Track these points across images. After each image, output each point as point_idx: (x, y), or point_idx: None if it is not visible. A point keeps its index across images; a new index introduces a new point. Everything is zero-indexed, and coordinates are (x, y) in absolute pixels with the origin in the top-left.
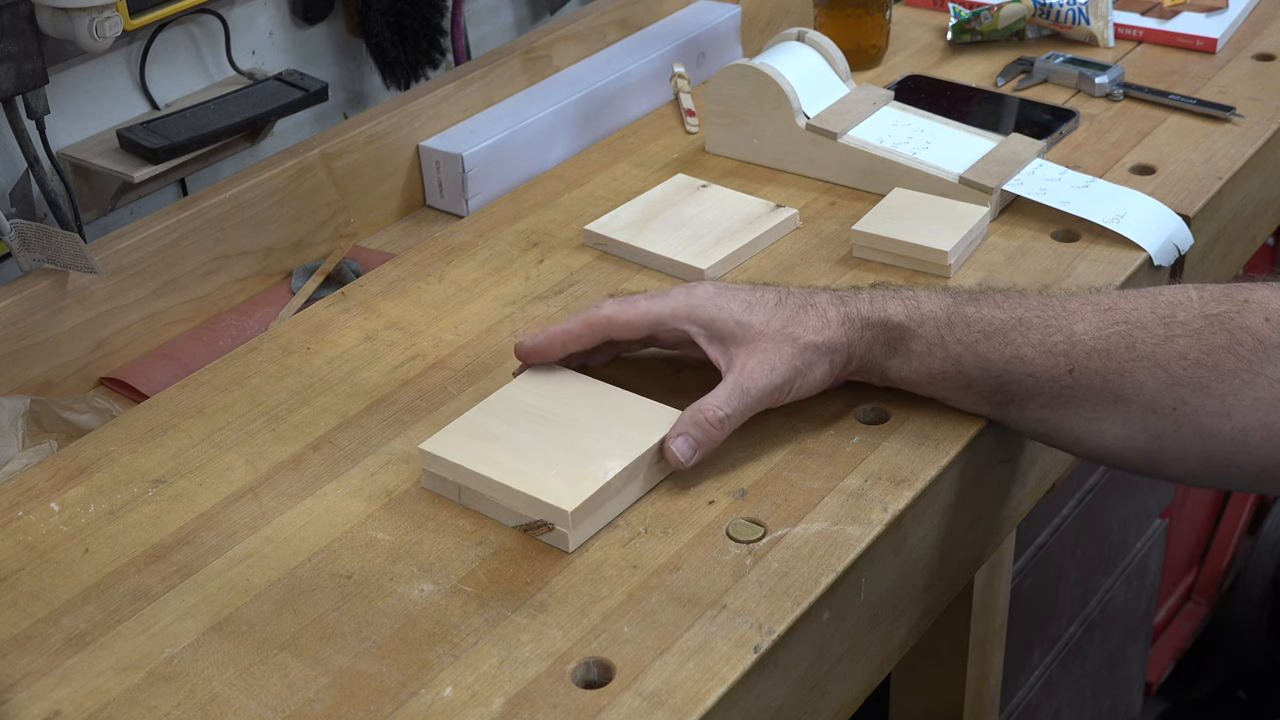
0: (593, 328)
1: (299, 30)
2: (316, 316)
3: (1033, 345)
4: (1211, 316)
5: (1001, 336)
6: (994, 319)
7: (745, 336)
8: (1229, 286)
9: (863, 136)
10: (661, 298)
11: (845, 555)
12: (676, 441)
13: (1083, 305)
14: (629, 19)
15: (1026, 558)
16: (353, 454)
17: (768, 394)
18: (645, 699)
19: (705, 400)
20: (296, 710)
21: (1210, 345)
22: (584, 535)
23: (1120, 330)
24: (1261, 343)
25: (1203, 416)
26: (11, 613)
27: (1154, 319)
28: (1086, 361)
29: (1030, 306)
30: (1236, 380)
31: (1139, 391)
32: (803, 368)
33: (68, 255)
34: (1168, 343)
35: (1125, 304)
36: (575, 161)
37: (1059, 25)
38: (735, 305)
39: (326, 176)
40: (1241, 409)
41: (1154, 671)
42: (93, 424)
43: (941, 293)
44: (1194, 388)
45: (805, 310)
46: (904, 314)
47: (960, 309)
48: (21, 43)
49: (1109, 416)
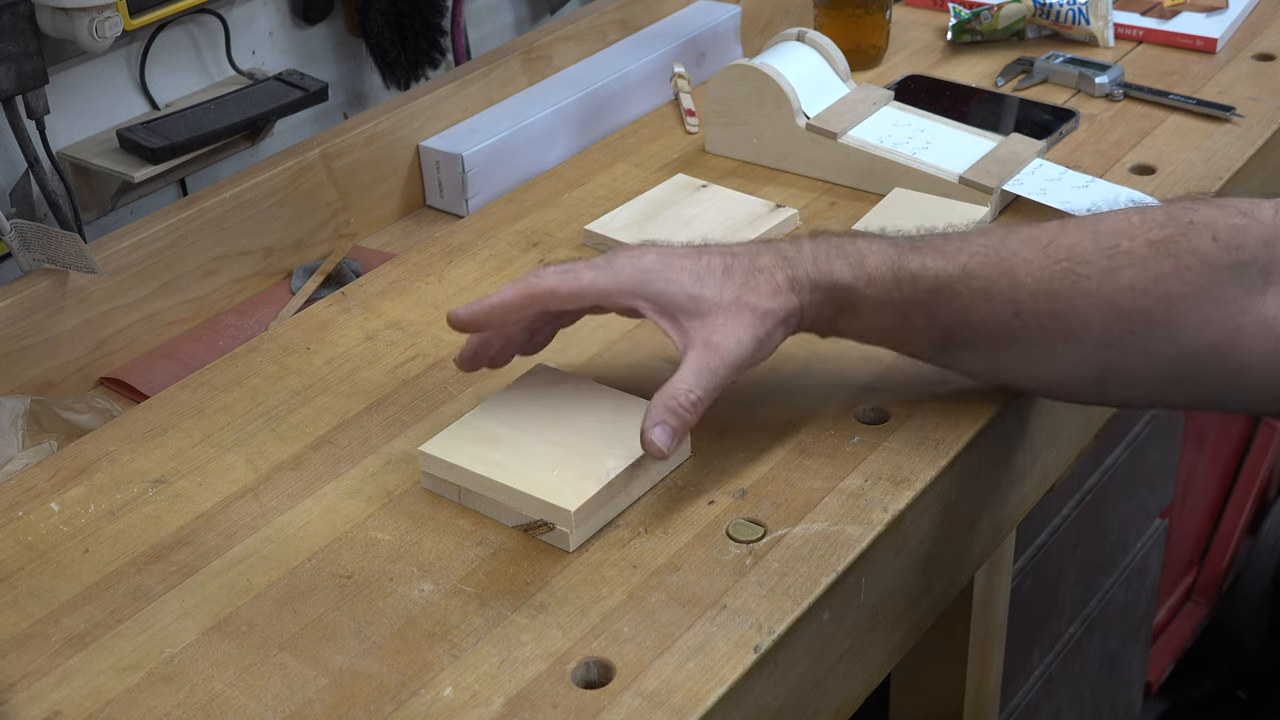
0: (532, 299)
1: (299, 30)
2: (316, 316)
3: (978, 294)
4: (1156, 243)
5: (948, 290)
6: (939, 272)
7: (699, 310)
8: (1172, 208)
9: (863, 136)
10: (606, 268)
11: (845, 555)
12: (654, 432)
13: (1024, 244)
14: (629, 19)
15: (1026, 558)
16: (353, 454)
17: (735, 368)
18: (645, 699)
19: (674, 385)
20: (296, 710)
21: (1157, 273)
22: (585, 535)
23: (1064, 267)
24: (1209, 264)
25: (1151, 342)
26: (11, 613)
27: (1097, 251)
28: (1032, 304)
29: (973, 253)
30: (1184, 304)
31: (1087, 327)
32: (764, 335)
33: (68, 255)
34: (1113, 275)
35: (1066, 239)
36: (575, 161)
37: (1059, 25)
38: (685, 278)
39: (326, 176)
40: (1189, 331)
41: (1154, 671)
42: (93, 424)
43: (884, 243)
44: (1142, 318)
45: (754, 275)
46: (850, 274)
47: (904, 264)
48: (21, 43)
49: (1058, 353)
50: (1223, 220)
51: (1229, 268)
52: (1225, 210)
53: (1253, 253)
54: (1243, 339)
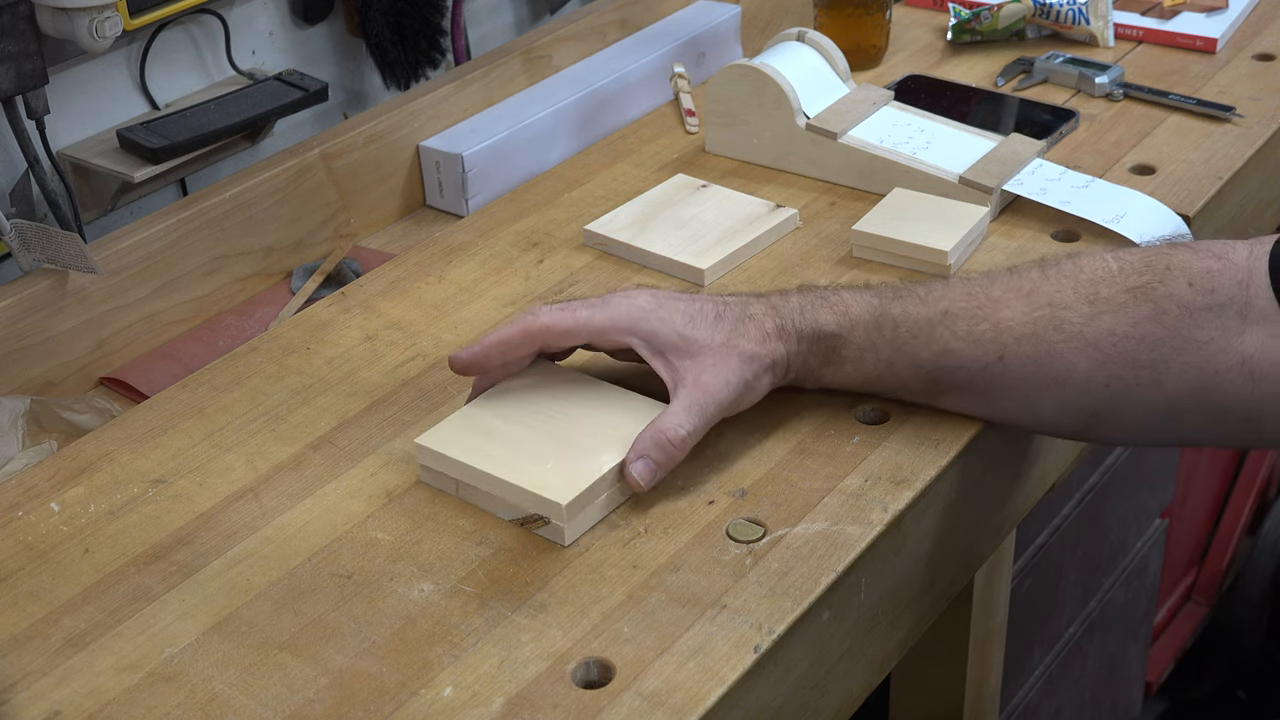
0: (530, 336)
1: (299, 30)
2: (316, 316)
3: (960, 337)
4: (1134, 290)
5: (928, 333)
6: (919, 316)
7: (689, 350)
8: (1149, 254)
9: (863, 136)
10: (600, 307)
11: (845, 555)
12: (637, 465)
13: (1006, 292)
14: (629, 19)
15: (1026, 558)
16: (353, 454)
17: (724, 407)
18: (645, 699)
19: (664, 419)
20: (296, 710)
21: (1136, 318)
22: (580, 528)
23: (1046, 313)
24: (1187, 308)
25: (1135, 388)
26: (11, 613)
27: (1077, 298)
28: (1016, 348)
29: (954, 298)
30: (1165, 348)
31: (1071, 372)
32: (751, 379)
33: (68, 255)
34: (1094, 320)
35: (1048, 286)
36: (575, 161)
37: (1059, 25)
38: (677, 319)
39: (326, 176)
40: (1171, 375)
41: (1154, 671)
42: (93, 424)
43: (868, 293)
44: (1125, 362)
45: (743, 323)
46: (835, 323)
47: (886, 309)
48: (21, 43)
49: (1044, 399)
50: (1197, 264)
51: (1206, 310)
52: (1200, 254)
53: (1229, 294)
54: (1223, 380)
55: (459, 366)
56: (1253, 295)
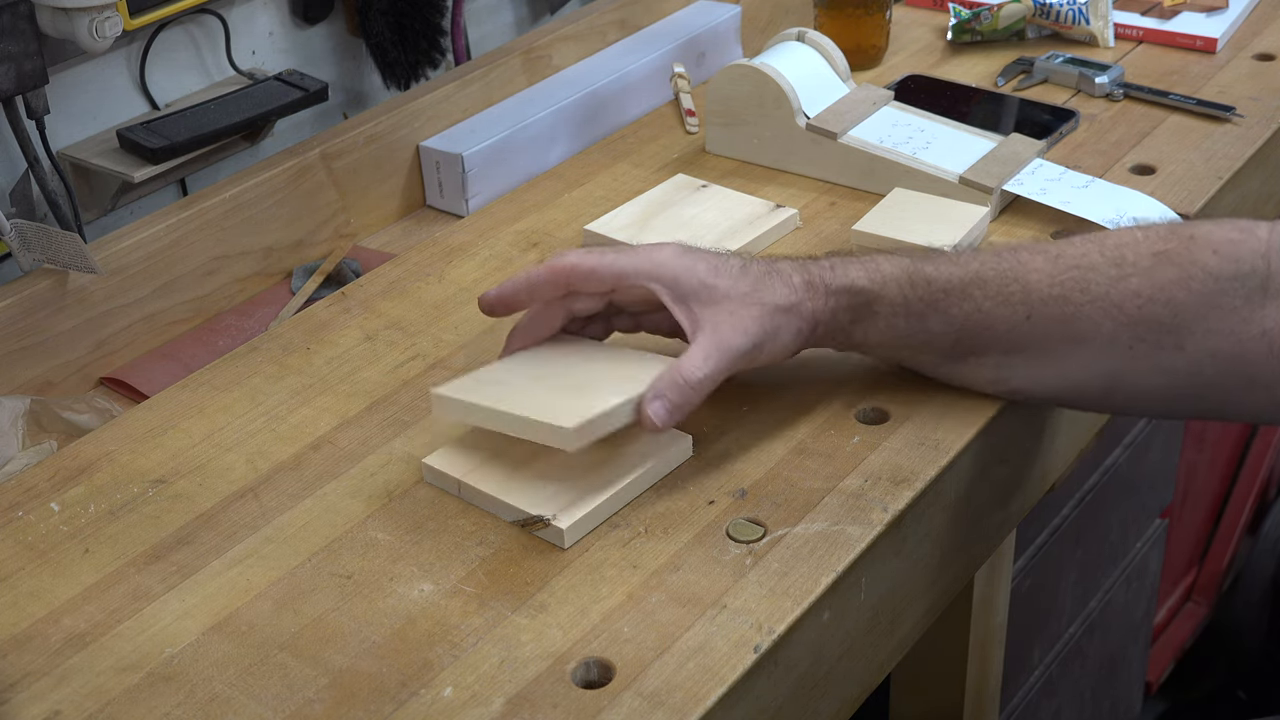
0: (555, 274)
1: (299, 30)
2: (316, 316)
3: (990, 298)
4: (1159, 254)
5: (961, 292)
6: (952, 275)
7: (711, 298)
8: (1173, 225)
9: (863, 136)
10: (624, 253)
11: (845, 555)
12: (654, 405)
13: (1033, 255)
14: (629, 19)
15: (1026, 558)
16: (353, 454)
17: (741, 355)
18: (645, 699)
19: (682, 361)
20: (296, 710)
21: (1162, 281)
22: (581, 531)
23: (1073, 275)
24: (1212, 275)
25: (1157, 351)
26: (11, 613)
27: (1104, 261)
28: (1043, 308)
29: (985, 261)
30: (1189, 313)
31: (1096, 332)
32: (771, 330)
33: (68, 255)
34: (1120, 282)
35: (1074, 250)
36: (575, 161)
37: (1059, 25)
38: (701, 266)
39: (326, 176)
40: (1195, 339)
41: (1154, 671)
42: (93, 424)
43: (897, 254)
44: (1149, 324)
45: (770, 276)
46: (866, 278)
47: (919, 268)
48: (21, 43)
49: (1067, 358)
50: (1220, 234)
51: (1230, 278)
52: (1223, 226)
53: (1251, 265)
54: (1245, 350)
55: (486, 305)
56: (1274, 270)
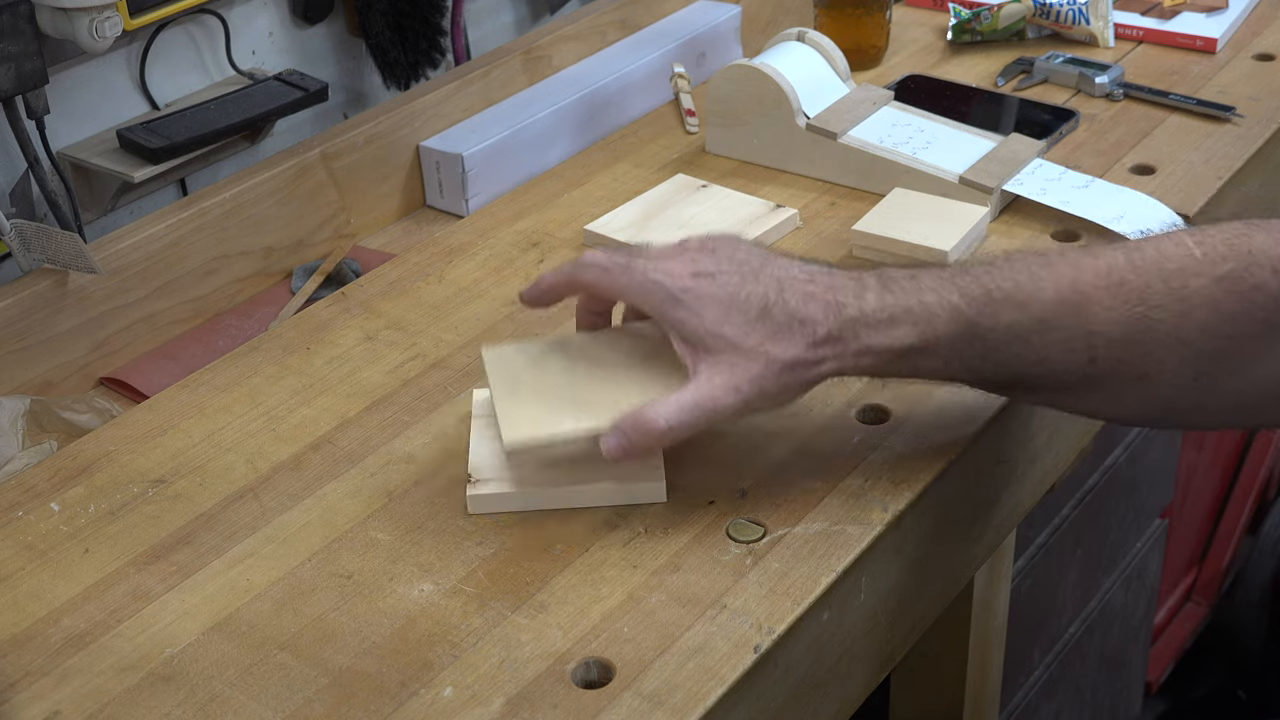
0: (574, 287)
1: (299, 30)
2: (316, 316)
3: (1052, 345)
4: (1222, 279)
5: (1022, 343)
6: (1013, 324)
7: (714, 347)
8: (1229, 235)
9: (863, 136)
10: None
11: (845, 555)
12: (610, 439)
13: (1097, 288)
14: (629, 19)
15: (1026, 558)
16: (353, 454)
17: (726, 413)
18: (645, 699)
19: (655, 407)
20: (296, 710)
21: (1228, 314)
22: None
23: (1138, 313)
24: (1274, 298)
25: (1222, 379)
26: (11, 613)
27: (1168, 295)
28: (1107, 350)
29: (1047, 303)
30: (1255, 342)
31: (1161, 370)
32: (772, 391)
33: (68, 255)
34: (1185, 318)
35: (1137, 279)
36: (575, 161)
37: (1059, 25)
38: (713, 312)
39: (326, 176)
40: (1259, 366)
41: (1154, 671)
42: (93, 424)
43: (955, 295)
44: (1214, 357)
45: (790, 327)
46: (917, 337)
47: (977, 322)
48: (21, 43)
49: (1129, 394)
50: (1277, 250)
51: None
52: (1276, 237)
53: None
54: None
55: (526, 301)
56: None
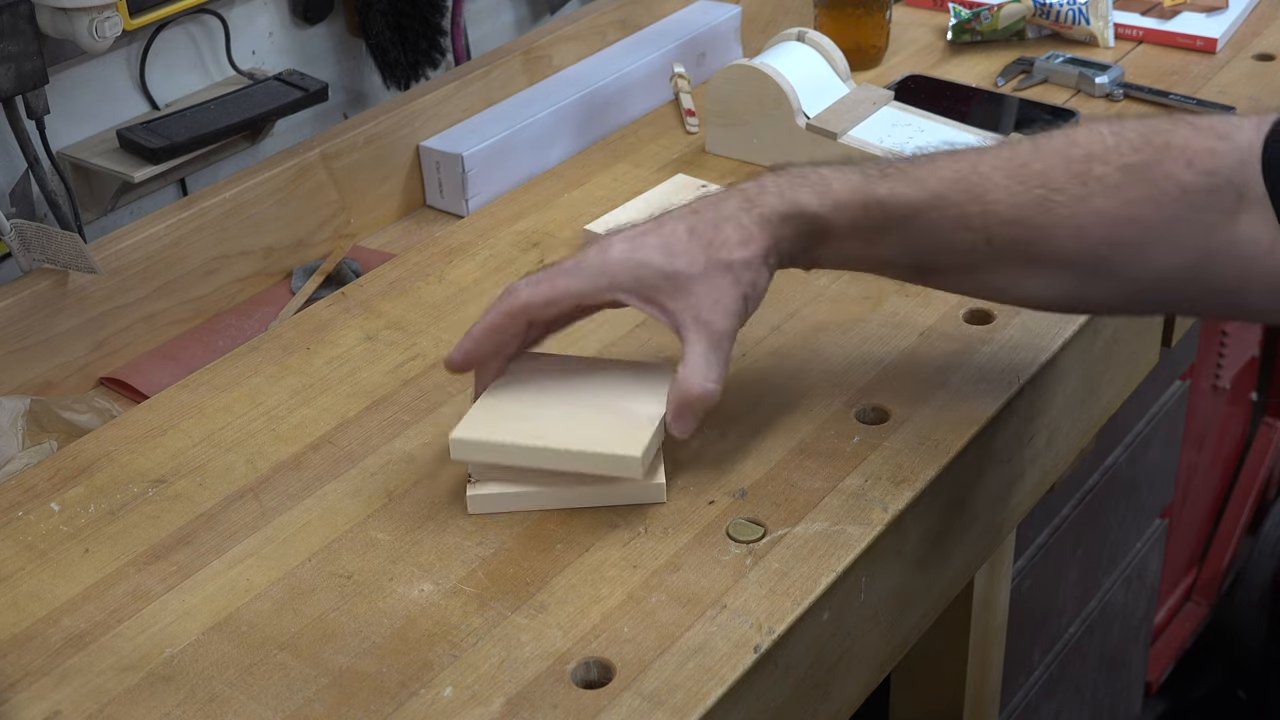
0: (513, 317)
1: (299, 30)
2: (316, 316)
3: (950, 221)
4: (1129, 168)
5: (918, 219)
6: (908, 198)
7: (678, 286)
8: (1147, 129)
9: (863, 136)
10: (575, 272)
11: (845, 555)
12: (678, 424)
13: (995, 169)
14: (629, 19)
15: (1026, 558)
16: (353, 454)
17: (733, 332)
18: (645, 699)
19: (689, 375)
20: (296, 710)
21: (1129, 199)
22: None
23: (1036, 195)
24: (1183, 189)
25: (1122, 266)
26: (11, 613)
27: (1069, 179)
28: (1003, 230)
29: (943, 178)
30: (1156, 231)
31: (1059, 253)
32: (749, 288)
33: (68, 255)
34: (1085, 202)
35: (1039, 163)
36: (575, 161)
37: (1059, 25)
38: (655, 256)
39: (326, 176)
40: (1160, 254)
41: (1154, 671)
42: (93, 424)
43: (850, 170)
44: (1113, 244)
45: (720, 228)
46: (817, 202)
47: (872, 191)
48: (21, 43)
49: (1029, 276)
50: (1198, 144)
51: (1202, 192)
52: (1202, 133)
53: (1227, 176)
54: (1213, 261)
55: (456, 366)
56: (1250, 178)
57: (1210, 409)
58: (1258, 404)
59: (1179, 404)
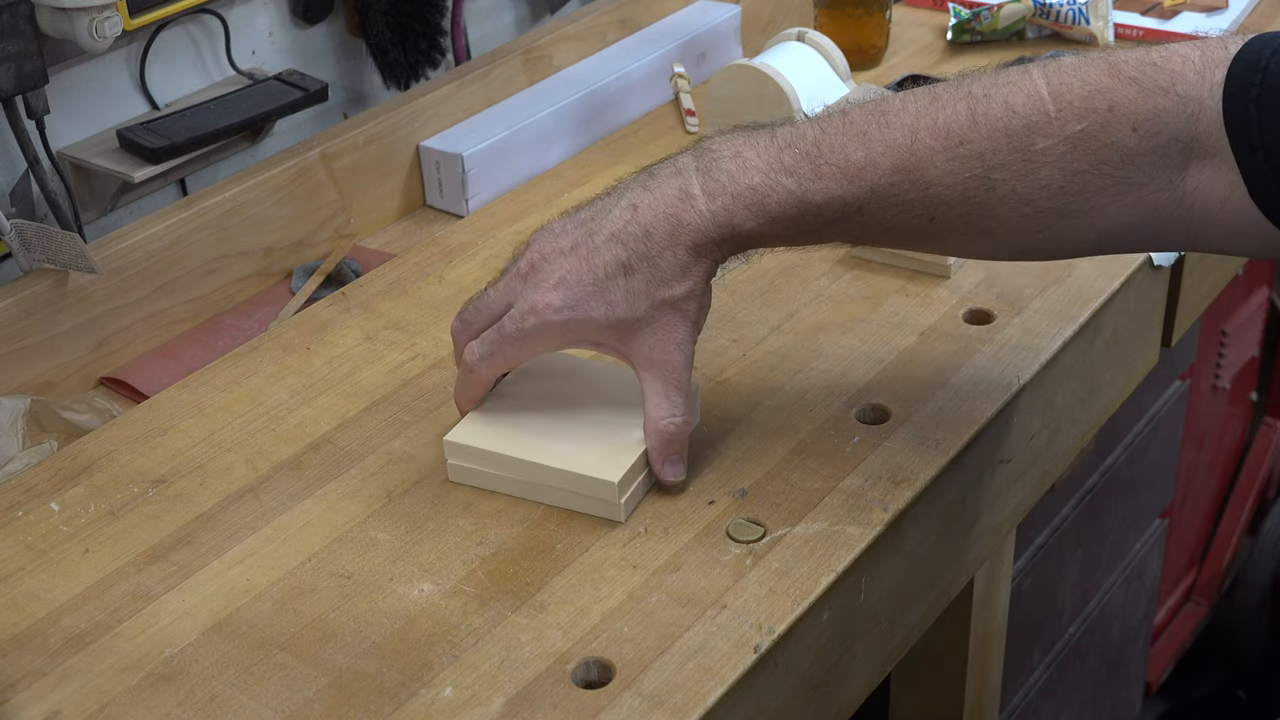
0: (483, 387)
1: (299, 30)
2: (316, 316)
3: (890, 209)
4: (1072, 138)
5: (858, 216)
6: (848, 202)
7: (624, 332)
8: (1089, 91)
9: None
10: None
11: (845, 555)
12: (665, 470)
13: (934, 148)
14: (629, 19)
15: (1026, 558)
16: (353, 454)
17: (688, 361)
18: (645, 699)
19: (653, 419)
20: (296, 710)
21: (1074, 171)
22: (631, 505)
23: (978, 173)
24: (1128, 155)
25: (1068, 232)
26: (11, 613)
27: (1012, 153)
28: (946, 210)
29: (880, 168)
30: (1102, 196)
31: (1002, 225)
32: (697, 314)
33: (68, 255)
34: (1029, 177)
35: (979, 141)
36: (575, 161)
37: (1059, 25)
38: (594, 311)
39: (326, 176)
40: (1106, 217)
41: (1154, 671)
42: (93, 424)
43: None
44: (1058, 213)
45: (656, 262)
46: (753, 222)
47: (809, 198)
48: (21, 43)
49: (973, 244)
50: (1143, 105)
51: (1148, 153)
52: (1147, 92)
53: (1174, 133)
54: (1160, 215)
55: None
56: (1200, 131)
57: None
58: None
59: (1179, 404)
